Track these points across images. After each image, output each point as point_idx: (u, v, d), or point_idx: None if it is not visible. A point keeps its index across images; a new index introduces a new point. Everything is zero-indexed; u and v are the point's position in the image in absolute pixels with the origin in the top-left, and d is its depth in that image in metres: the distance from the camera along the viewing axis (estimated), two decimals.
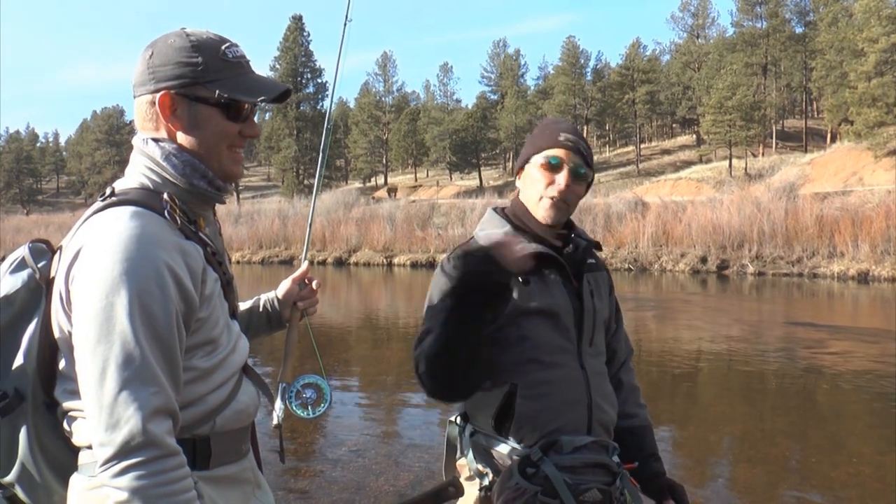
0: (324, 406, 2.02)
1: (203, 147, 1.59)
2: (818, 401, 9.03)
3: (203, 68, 1.55)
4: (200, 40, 1.57)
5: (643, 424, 2.30)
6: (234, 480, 1.64)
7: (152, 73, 1.55)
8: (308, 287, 2.13)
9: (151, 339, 1.38)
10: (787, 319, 16.67)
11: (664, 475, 2.24)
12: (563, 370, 2.07)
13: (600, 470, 1.96)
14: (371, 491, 5.43)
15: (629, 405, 2.29)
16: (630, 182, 63.67)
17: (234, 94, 1.58)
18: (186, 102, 1.56)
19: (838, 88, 57.09)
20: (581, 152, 2.14)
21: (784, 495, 5.53)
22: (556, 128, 2.18)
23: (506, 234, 2.12)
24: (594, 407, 2.08)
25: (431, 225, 40.36)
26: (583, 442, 1.98)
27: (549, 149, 2.15)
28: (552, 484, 1.87)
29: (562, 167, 2.12)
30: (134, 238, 1.40)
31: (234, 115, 1.60)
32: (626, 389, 2.32)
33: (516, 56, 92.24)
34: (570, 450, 1.96)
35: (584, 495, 1.88)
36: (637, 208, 35.74)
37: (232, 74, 1.59)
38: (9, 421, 1.51)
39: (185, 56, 1.55)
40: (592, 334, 2.16)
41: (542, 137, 2.18)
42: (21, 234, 51.23)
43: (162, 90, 1.55)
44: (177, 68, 1.54)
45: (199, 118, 1.57)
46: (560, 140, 2.13)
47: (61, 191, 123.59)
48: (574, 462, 1.93)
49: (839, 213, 29.30)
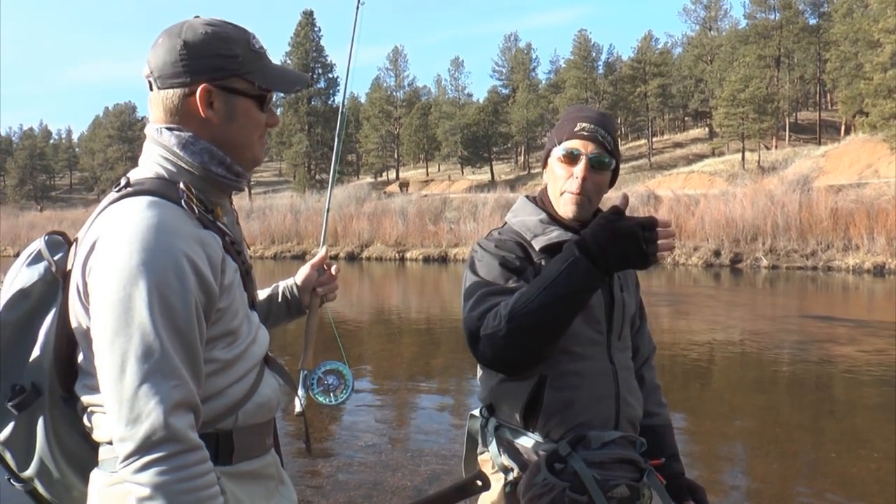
0: (346, 392, 1.99)
1: (238, 138, 1.57)
2: (835, 395, 8.95)
3: (241, 60, 1.53)
4: (231, 31, 1.55)
5: (664, 423, 2.27)
6: (258, 476, 1.61)
7: (187, 64, 1.50)
8: (327, 272, 2.11)
9: (171, 331, 1.35)
10: (801, 313, 16.55)
11: (684, 475, 2.21)
12: (593, 363, 2.03)
13: (628, 466, 1.92)
14: (388, 486, 5.40)
15: (650, 403, 2.26)
16: (642, 175, 63.39)
17: (272, 84, 1.58)
18: (223, 95, 1.53)
19: (853, 80, 56.72)
20: (599, 140, 2.06)
21: (803, 491, 5.47)
22: (576, 117, 2.11)
23: (541, 221, 2.11)
24: (622, 402, 2.05)
25: (443, 219, 40.39)
26: (611, 437, 1.94)
27: (567, 140, 2.09)
28: (581, 480, 1.83)
29: (579, 159, 2.06)
30: (151, 228, 1.37)
31: (262, 105, 1.60)
32: (647, 387, 2.27)
33: (528, 50, 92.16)
34: (598, 445, 1.92)
35: (612, 491, 1.83)
36: (649, 202, 35.62)
37: (261, 65, 1.58)
38: (26, 415, 1.49)
39: (223, 48, 1.52)
40: (621, 328, 2.13)
41: (562, 129, 2.12)
42: (35, 230, 51.55)
43: (200, 82, 1.51)
44: (215, 60, 1.51)
45: (236, 110, 1.55)
46: (576, 130, 2.07)
47: (74, 187, 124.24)
48: (603, 458, 1.89)
49: (854, 206, 29.11)
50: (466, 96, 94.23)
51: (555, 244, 2.03)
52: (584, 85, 79.87)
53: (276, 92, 1.62)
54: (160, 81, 1.53)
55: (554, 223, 2.11)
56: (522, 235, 2.11)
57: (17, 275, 1.51)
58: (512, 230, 2.14)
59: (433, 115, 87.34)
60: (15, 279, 1.51)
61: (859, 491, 5.34)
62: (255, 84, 1.56)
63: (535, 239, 2.08)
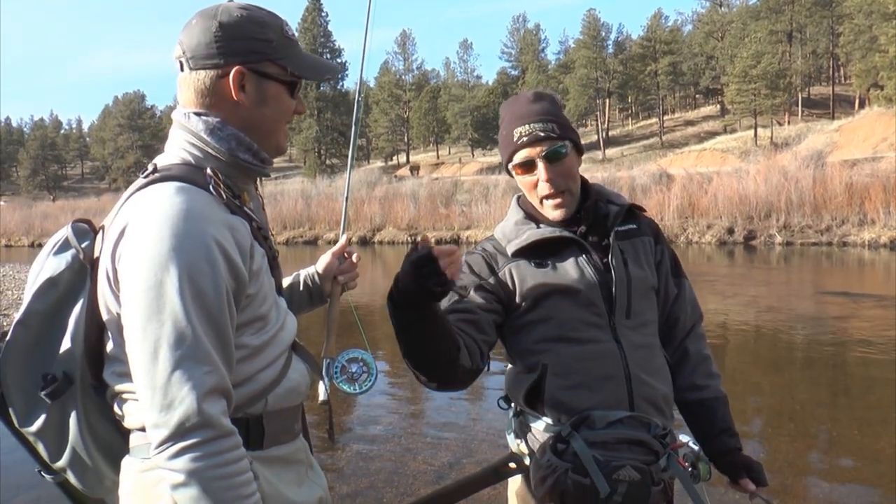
0: (371, 381, 1.96)
1: (267, 123, 1.57)
2: (852, 371, 8.88)
3: (274, 45, 1.54)
4: (265, 16, 1.55)
5: (714, 396, 2.15)
6: (289, 461, 1.61)
7: (221, 46, 1.49)
8: (348, 260, 2.10)
9: (203, 317, 1.35)
10: (817, 289, 16.46)
11: (740, 451, 2.10)
12: (594, 346, 1.99)
13: (637, 447, 1.84)
14: (409, 471, 5.39)
15: (698, 376, 2.16)
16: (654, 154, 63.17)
17: (303, 71, 1.58)
18: (255, 78, 1.53)
19: (867, 53, 56.20)
20: (542, 137, 2.02)
21: (823, 469, 5.44)
22: (511, 126, 2.07)
23: (516, 224, 2.13)
24: (634, 381, 1.98)
25: (455, 202, 40.39)
26: (616, 416, 1.88)
27: (515, 154, 2.07)
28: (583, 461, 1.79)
29: (534, 164, 2.04)
30: (181, 214, 1.36)
31: (293, 92, 1.60)
32: (693, 359, 2.17)
33: (536, 31, 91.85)
34: (602, 425, 1.87)
35: (616, 473, 1.76)
36: (662, 180, 35.44)
37: (294, 52, 1.58)
38: (58, 405, 1.49)
39: (258, 32, 1.52)
40: (629, 305, 2.04)
41: (505, 143, 2.10)
42: (49, 220, 51.98)
43: (233, 64, 1.51)
44: (250, 43, 1.51)
45: (267, 95, 1.55)
46: (516, 141, 2.05)
47: (86, 176, 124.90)
48: (606, 437, 1.84)
49: (869, 180, 28.87)
50: (475, 78, 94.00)
51: (525, 246, 2.05)
52: (594, 64, 79.45)
53: (304, 80, 1.62)
54: (192, 62, 1.52)
55: (529, 222, 2.12)
56: (500, 244, 2.14)
57: (45, 264, 1.51)
58: (494, 240, 2.18)
59: (442, 98, 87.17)
60: (42, 268, 1.51)
61: (880, 468, 5.30)
62: (288, 70, 1.55)
63: (508, 244, 2.10)
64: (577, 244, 2.06)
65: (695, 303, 2.25)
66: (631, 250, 2.11)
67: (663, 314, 2.18)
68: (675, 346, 2.18)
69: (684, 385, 2.15)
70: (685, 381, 2.15)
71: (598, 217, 2.12)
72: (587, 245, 2.06)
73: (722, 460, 2.08)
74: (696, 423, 2.14)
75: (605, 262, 2.05)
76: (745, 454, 2.11)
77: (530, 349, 2.04)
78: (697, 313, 2.25)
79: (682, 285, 2.23)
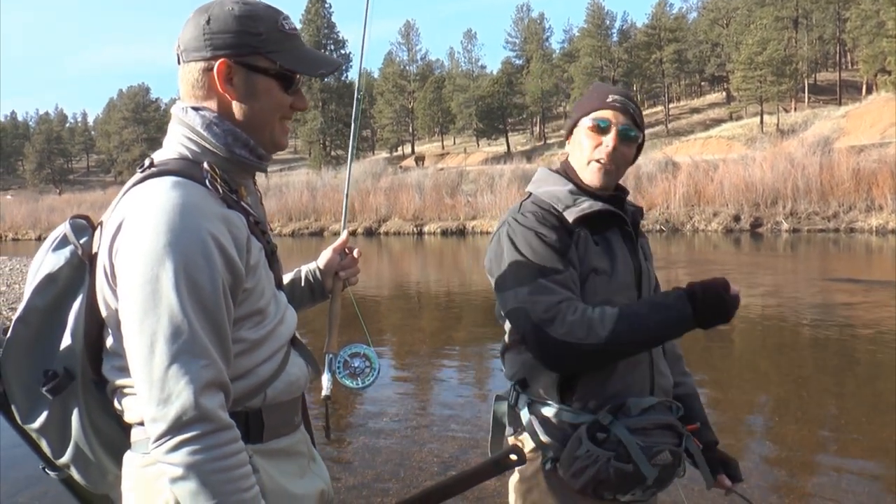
0: (373, 375, 1.98)
1: (257, 117, 1.56)
2: (860, 358, 8.85)
3: (264, 38, 1.52)
4: (260, 9, 1.54)
5: (690, 392, 2.25)
6: (289, 453, 1.62)
7: (209, 39, 1.50)
8: (349, 256, 2.10)
9: (199, 311, 1.35)
10: (824, 275, 16.41)
11: (717, 445, 2.17)
12: None
13: (668, 431, 1.91)
14: (415, 461, 5.40)
15: (675, 373, 2.23)
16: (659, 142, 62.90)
17: (295, 66, 1.55)
18: (244, 71, 1.52)
19: (874, 38, 55.90)
20: (630, 113, 2.08)
21: (831, 458, 5.42)
22: (605, 90, 2.13)
23: (570, 192, 2.08)
24: (655, 369, 2.05)
25: (460, 192, 40.34)
26: (650, 403, 1.93)
27: (597, 111, 2.09)
28: (625, 448, 1.82)
29: (609, 129, 2.06)
30: (177, 208, 1.36)
31: (288, 87, 1.58)
32: (669, 357, 2.23)
33: (540, 20, 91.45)
34: (638, 412, 1.90)
35: (656, 458, 1.83)
36: (667, 168, 35.33)
37: (289, 46, 1.56)
38: (60, 401, 1.50)
39: (247, 24, 1.51)
40: (649, 294, 2.13)
41: (591, 99, 2.13)
42: (55, 214, 52.03)
43: (220, 57, 1.50)
44: (237, 37, 1.50)
45: (256, 88, 1.54)
46: (608, 101, 2.08)
47: (91, 169, 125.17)
48: (644, 423, 1.88)
49: (877, 166, 28.74)
50: (480, 68, 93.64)
51: (586, 215, 2.01)
52: (599, 53, 79.20)
53: (302, 74, 1.59)
54: (185, 55, 1.53)
55: (583, 193, 2.08)
56: (553, 206, 2.06)
57: (44, 260, 1.52)
58: (541, 201, 2.08)
59: (447, 89, 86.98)
60: (41, 265, 1.51)
61: (889, 456, 5.28)
62: (278, 63, 1.54)
63: (567, 210, 2.04)
64: (621, 227, 2.10)
65: None
66: (645, 246, 2.23)
67: None
68: None
69: None
70: None
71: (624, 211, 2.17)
72: (630, 230, 2.12)
73: (703, 454, 2.09)
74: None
75: (636, 252, 2.12)
76: (720, 449, 2.17)
77: None
78: None
79: (659, 287, 2.28)
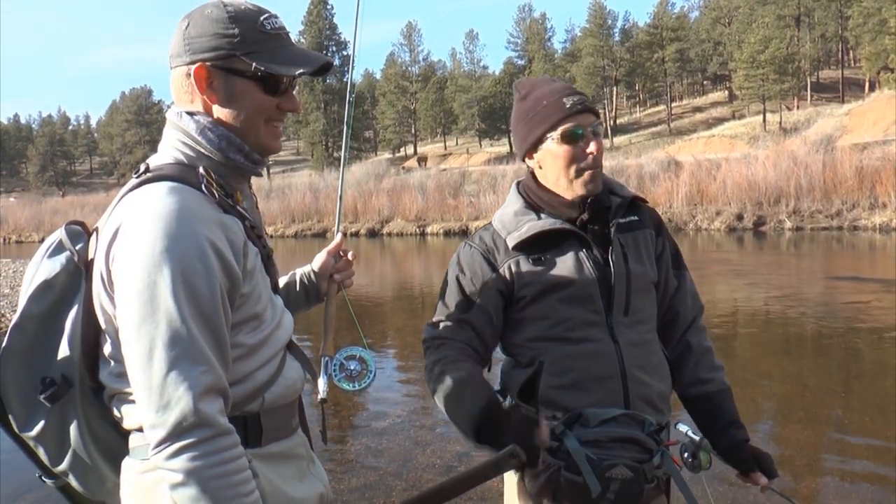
0: (369, 378, 1.98)
1: (239, 121, 1.54)
2: (864, 357, 8.82)
3: (240, 40, 1.49)
4: (238, 11, 1.51)
5: (719, 389, 2.11)
6: (288, 456, 1.62)
7: (188, 44, 1.50)
8: (343, 259, 2.09)
9: (197, 316, 1.35)
10: (828, 274, 16.37)
11: (747, 443, 2.07)
12: (589, 345, 1.97)
13: (631, 445, 1.84)
14: (418, 463, 5.39)
15: (701, 369, 2.12)
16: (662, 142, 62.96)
17: (271, 66, 1.51)
18: (223, 75, 1.51)
19: (877, 35, 55.83)
20: (589, 108, 2.03)
21: (835, 458, 5.40)
22: (558, 96, 2.04)
23: (516, 214, 2.08)
24: (630, 380, 1.96)
25: (463, 193, 40.29)
26: (610, 415, 1.87)
27: (563, 122, 2.01)
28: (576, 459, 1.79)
29: (585, 134, 2.01)
30: (173, 214, 1.36)
31: (271, 88, 1.54)
32: (695, 352, 2.14)
33: (542, 20, 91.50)
34: (595, 423, 1.86)
35: (610, 472, 1.77)
36: (670, 168, 35.26)
37: (270, 47, 1.53)
38: (58, 408, 1.49)
39: (222, 27, 1.49)
40: (627, 302, 2.02)
41: (550, 111, 2.03)
42: (58, 216, 52.12)
43: (198, 62, 1.50)
44: (213, 40, 1.49)
45: (235, 91, 1.52)
46: (569, 108, 2.01)
47: (94, 172, 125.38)
48: (599, 436, 1.83)
49: (880, 164, 28.62)
50: (482, 69, 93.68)
51: (525, 240, 2.02)
52: (601, 53, 79.19)
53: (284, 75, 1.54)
54: (171, 61, 1.54)
55: (530, 211, 2.08)
56: (499, 234, 2.09)
57: (39, 267, 1.51)
58: (493, 230, 2.13)
59: (449, 89, 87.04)
60: (37, 271, 1.51)
61: (891, 456, 5.26)
62: (253, 65, 1.50)
63: (508, 236, 2.06)
64: (578, 237, 2.03)
65: (695, 295, 2.22)
66: (632, 244, 2.08)
67: (663, 307, 2.16)
68: (676, 340, 2.15)
69: (688, 380, 2.13)
70: (689, 376, 2.13)
71: (601, 208, 2.08)
72: (588, 238, 2.03)
73: (731, 454, 2.05)
74: (703, 417, 2.11)
75: (605, 258, 2.02)
76: (753, 445, 2.08)
77: (526, 346, 2.04)
78: (698, 306, 2.22)
79: (683, 277, 2.20)
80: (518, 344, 2.06)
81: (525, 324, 2.04)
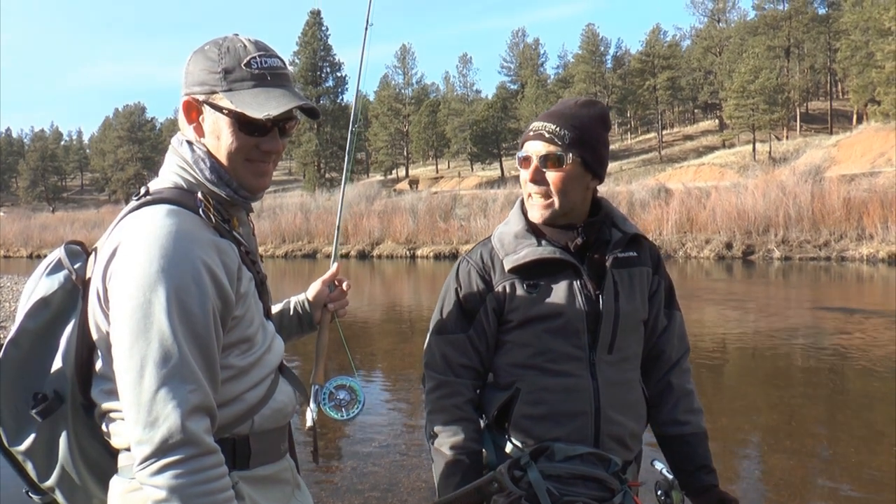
0: (357, 408, 1.99)
1: (222, 156, 1.58)
2: (851, 388, 8.87)
3: (221, 77, 1.53)
4: (231, 48, 1.55)
5: (694, 432, 2.12)
6: (275, 480, 1.63)
7: (186, 76, 1.57)
8: (338, 289, 2.11)
9: (189, 336, 1.38)
10: (815, 304, 16.44)
11: (716, 487, 2.08)
12: (566, 379, 1.98)
13: (593, 484, 1.86)
14: (404, 487, 5.38)
15: (679, 411, 2.13)
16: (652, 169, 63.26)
17: (241, 107, 1.52)
18: (209, 110, 1.55)
19: (864, 69, 56.43)
20: (547, 138, 1.98)
21: (821, 486, 5.42)
22: (539, 117, 2.06)
23: (517, 236, 2.08)
24: (603, 419, 1.97)
25: (454, 216, 40.33)
26: (577, 452, 1.89)
27: (522, 145, 2.07)
28: None
29: (529, 161, 2.03)
30: (170, 235, 1.39)
31: (247, 128, 1.55)
32: (676, 394, 2.15)
33: (535, 45, 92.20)
34: (561, 458, 1.88)
35: None
36: (660, 195, 35.45)
37: (249, 86, 1.53)
38: (48, 424, 1.51)
39: (211, 64, 1.54)
40: (612, 340, 2.01)
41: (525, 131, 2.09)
42: (48, 232, 51.90)
43: (189, 94, 1.56)
44: (202, 75, 1.54)
45: (216, 127, 1.56)
46: (529, 133, 2.04)
47: (86, 188, 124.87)
48: (561, 472, 1.85)
49: (867, 195, 28.86)
50: (475, 93, 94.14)
51: (521, 265, 2.02)
52: (593, 79, 79.77)
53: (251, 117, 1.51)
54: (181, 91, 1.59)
55: (531, 236, 2.07)
56: (497, 253, 2.10)
57: (38, 284, 1.53)
58: (491, 246, 2.13)
59: (442, 112, 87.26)
60: (35, 288, 1.53)
61: (878, 486, 5.28)
62: (231, 104, 1.52)
63: (506, 258, 2.06)
64: (574, 268, 2.03)
65: (683, 336, 2.22)
66: (626, 280, 2.07)
67: (649, 344, 2.16)
68: (658, 378, 2.17)
69: (665, 419, 2.14)
70: (667, 416, 2.14)
71: (600, 241, 2.08)
72: (583, 271, 2.03)
73: (699, 497, 2.07)
74: (675, 458, 2.13)
75: (597, 293, 2.02)
76: (721, 489, 2.10)
77: (506, 370, 2.06)
78: (684, 347, 2.22)
79: (673, 318, 2.20)
80: (499, 368, 2.09)
81: (508, 347, 2.06)
